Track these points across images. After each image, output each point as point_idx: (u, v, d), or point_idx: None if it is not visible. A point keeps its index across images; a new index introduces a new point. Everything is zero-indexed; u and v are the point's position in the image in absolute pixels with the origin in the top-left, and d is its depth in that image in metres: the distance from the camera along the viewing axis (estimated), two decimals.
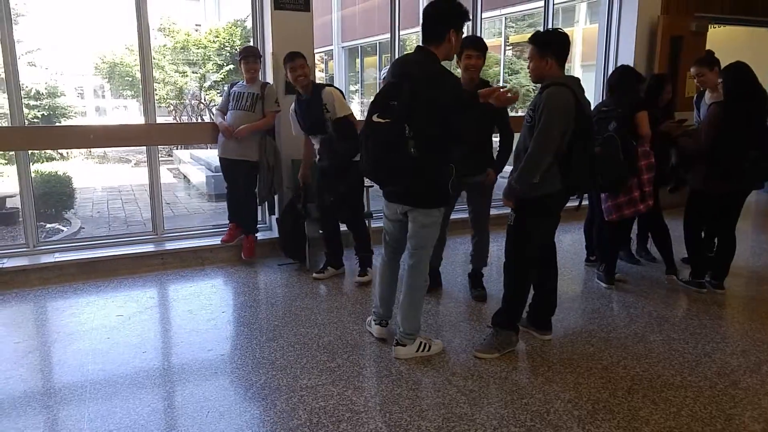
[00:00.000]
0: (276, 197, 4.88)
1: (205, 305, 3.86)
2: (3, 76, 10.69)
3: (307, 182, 4.40)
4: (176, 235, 4.94)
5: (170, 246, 4.74)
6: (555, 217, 3.07)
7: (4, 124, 10.21)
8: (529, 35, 3.02)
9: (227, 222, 4.82)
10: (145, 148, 4.80)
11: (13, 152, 4.96)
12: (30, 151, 4.66)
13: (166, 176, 11.56)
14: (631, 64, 5.04)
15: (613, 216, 3.89)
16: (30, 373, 2.94)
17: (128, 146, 10.50)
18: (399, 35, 5.64)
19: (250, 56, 4.54)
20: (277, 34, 4.74)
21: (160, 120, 5.56)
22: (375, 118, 2.68)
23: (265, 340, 3.28)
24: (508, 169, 3.34)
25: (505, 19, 10.93)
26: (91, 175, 11.36)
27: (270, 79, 4.82)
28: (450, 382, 2.80)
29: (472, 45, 3.52)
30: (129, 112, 19.16)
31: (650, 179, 3.83)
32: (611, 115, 3.73)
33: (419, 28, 2.85)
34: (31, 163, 4.67)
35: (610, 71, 6.39)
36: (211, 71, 13.75)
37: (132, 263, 4.51)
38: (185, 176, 11.45)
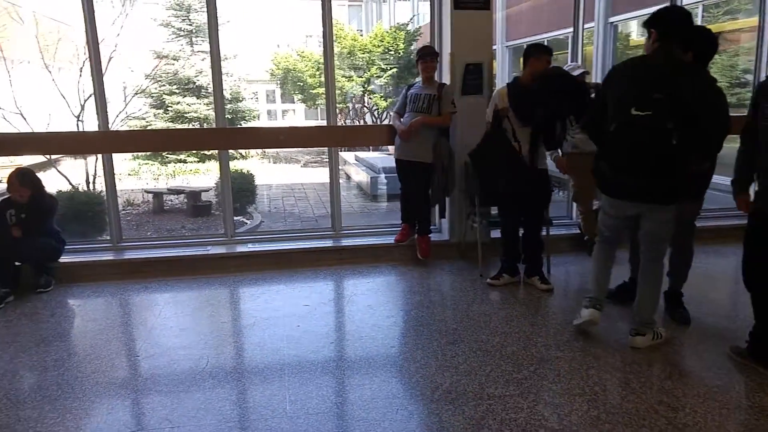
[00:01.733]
0: (448, 199, 4.92)
1: (383, 302, 4.00)
2: (198, 82, 11.99)
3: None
4: (352, 232, 5.20)
5: (347, 243, 5.00)
6: None
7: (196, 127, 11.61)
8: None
9: (400, 222, 4.96)
10: (315, 149, 5.11)
11: (213, 151, 5.56)
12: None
13: (324, 177, 12.33)
14: None
15: None
16: (237, 351, 3.27)
17: (313, 147, 11.43)
18: (583, 29, 5.35)
19: (428, 55, 4.61)
20: (457, 34, 4.75)
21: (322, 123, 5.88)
22: (633, 111, 2.78)
23: (445, 343, 3.30)
24: None
25: (702, 7, 9.89)
26: (267, 173, 12.49)
27: (447, 80, 4.85)
28: (656, 411, 2.56)
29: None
30: (296, 115, 20.72)
31: None
32: None
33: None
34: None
35: None
36: (374, 75, 14.34)
37: (313, 257, 4.82)
38: (348, 176, 12.10)
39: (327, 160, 5.26)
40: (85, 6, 4.43)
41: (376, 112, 15.11)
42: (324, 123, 5.30)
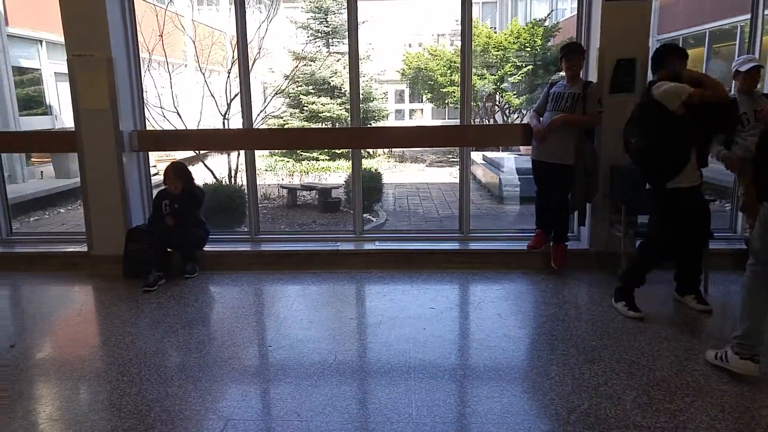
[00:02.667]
0: (589, 206, 4.61)
1: (514, 311, 3.82)
2: (333, 82, 12.44)
3: None
4: (481, 235, 5.05)
5: (475, 246, 4.87)
6: None
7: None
8: None
9: (534, 227, 4.72)
10: (441, 149, 5.00)
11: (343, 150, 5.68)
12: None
13: (448, 177, 12.21)
14: None
15: None
16: (363, 349, 3.29)
17: (445, 146, 11.41)
18: (763, 16, 4.71)
19: (572, 53, 4.33)
20: (607, 27, 4.42)
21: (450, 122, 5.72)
22: None
23: (583, 361, 3.06)
24: None
25: None
26: (392, 172, 12.66)
27: (593, 77, 4.53)
28: None
29: None
30: (424, 115, 20.84)
31: None
32: None
33: None
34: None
35: None
36: (508, 73, 13.96)
37: (440, 259, 4.75)
38: (475, 177, 11.88)
39: (453, 159, 5.18)
40: (238, 14, 4.75)
41: (507, 111, 14.71)
42: (451, 122, 5.21)
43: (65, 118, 10.15)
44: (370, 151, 13.37)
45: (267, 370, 3.06)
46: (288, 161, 12.04)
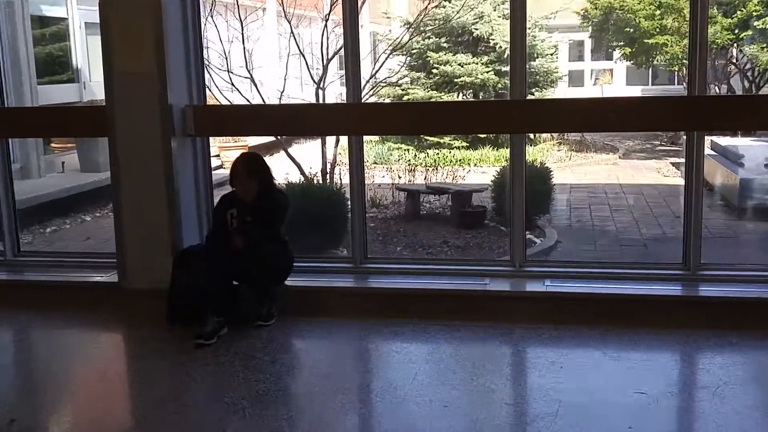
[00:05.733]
0: None
1: None
2: (476, 32, 12.28)
3: None
4: (720, 274, 4.69)
5: (709, 291, 4.58)
6: None
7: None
8: None
9: None
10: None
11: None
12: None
13: (655, 175, 11.58)
14: None
15: None
16: None
17: (666, 131, 10.84)
18: None
19: None
20: None
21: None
22: None
23: None
24: None
25: None
26: (565, 167, 12.20)
27: None
28: None
29: None
30: (614, 79, 20.07)
31: None
32: None
33: None
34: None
35: None
36: (754, 14, 13.06)
37: (649, 309, 4.46)
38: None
39: (662, 148, 4.82)
40: None
41: (750, 74, 13.78)
42: (658, 89, 4.82)
43: (96, 88, 10.45)
44: (531, 135, 13.02)
45: None
46: (407, 149, 12.03)
